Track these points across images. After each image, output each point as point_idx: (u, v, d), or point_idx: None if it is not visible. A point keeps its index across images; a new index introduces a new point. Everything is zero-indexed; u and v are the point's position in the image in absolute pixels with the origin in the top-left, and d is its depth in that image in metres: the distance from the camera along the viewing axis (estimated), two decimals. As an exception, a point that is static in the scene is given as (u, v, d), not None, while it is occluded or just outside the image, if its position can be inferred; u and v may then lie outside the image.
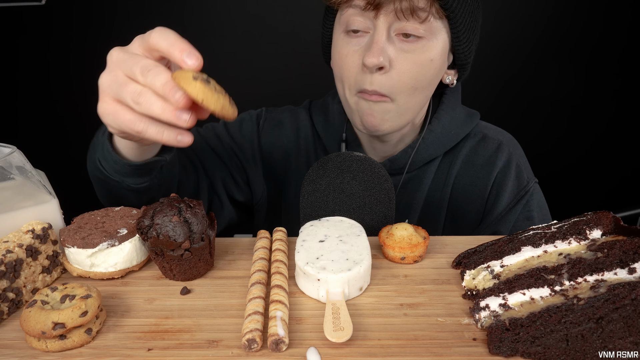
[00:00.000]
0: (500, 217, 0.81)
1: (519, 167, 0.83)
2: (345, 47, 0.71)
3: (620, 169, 2.08)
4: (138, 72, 0.46)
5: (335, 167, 0.65)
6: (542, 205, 0.83)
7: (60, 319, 0.42)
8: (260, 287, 0.50)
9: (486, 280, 0.51)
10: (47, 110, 1.85)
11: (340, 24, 0.72)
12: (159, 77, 0.45)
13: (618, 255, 0.43)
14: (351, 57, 0.71)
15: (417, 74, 0.70)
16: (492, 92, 1.90)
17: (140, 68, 0.46)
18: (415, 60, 0.69)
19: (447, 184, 0.83)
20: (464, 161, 0.83)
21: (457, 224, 0.84)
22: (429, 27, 0.67)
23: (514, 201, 0.81)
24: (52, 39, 1.74)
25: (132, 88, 0.47)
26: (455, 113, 0.83)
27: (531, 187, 0.82)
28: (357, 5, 0.67)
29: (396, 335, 0.45)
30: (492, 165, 0.82)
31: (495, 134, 0.86)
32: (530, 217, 0.80)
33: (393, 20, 0.67)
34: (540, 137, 1.96)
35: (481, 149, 0.84)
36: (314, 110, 0.91)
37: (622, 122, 1.99)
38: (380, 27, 0.67)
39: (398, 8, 0.65)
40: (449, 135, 0.82)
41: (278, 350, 0.43)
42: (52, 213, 0.57)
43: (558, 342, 0.41)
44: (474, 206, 0.83)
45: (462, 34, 0.70)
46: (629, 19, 1.82)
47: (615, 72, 1.91)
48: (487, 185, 0.82)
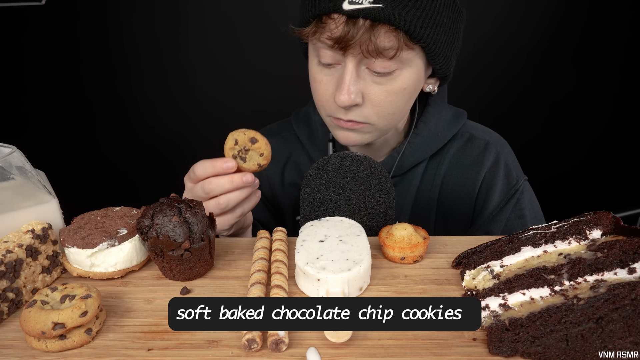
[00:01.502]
0: (492, 217, 0.81)
1: (507, 166, 0.83)
2: (318, 73, 0.71)
3: (620, 169, 2.08)
4: (200, 191, 0.62)
5: (335, 167, 0.65)
6: (534, 202, 0.83)
7: (60, 319, 0.42)
8: (260, 287, 0.50)
9: (486, 280, 0.51)
10: (46, 111, 1.85)
11: (313, 50, 0.71)
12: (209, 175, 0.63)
13: (618, 255, 0.43)
14: (325, 86, 0.71)
15: (392, 102, 0.69)
16: (492, 92, 1.90)
17: (197, 190, 0.63)
18: (388, 90, 0.68)
19: (435, 184, 0.83)
20: (451, 162, 0.83)
21: (447, 226, 0.84)
22: (399, 60, 0.66)
23: (505, 200, 0.81)
24: (53, 39, 1.74)
25: (200, 190, 0.62)
26: (441, 115, 0.83)
27: (521, 185, 0.82)
28: (324, 42, 0.66)
29: (396, 335, 0.45)
30: (480, 165, 0.82)
31: (482, 133, 0.86)
32: (522, 215, 0.80)
33: (361, 58, 0.66)
34: (540, 137, 1.96)
35: (468, 149, 0.84)
36: (296, 123, 0.91)
37: (622, 122, 1.99)
38: (349, 65, 0.66)
39: (365, 49, 0.63)
40: (436, 137, 0.82)
41: (278, 350, 0.43)
42: (52, 213, 0.57)
43: (558, 342, 0.41)
44: (464, 206, 0.83)
45: (438, 55, 0.68)
46: (629, 19, 1.82)
47: (616, 73, 1.91)
48: (476, 185, 0.82)
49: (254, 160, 0.62)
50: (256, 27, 1.76)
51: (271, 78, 1.83)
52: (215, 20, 1.75)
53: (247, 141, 0.61)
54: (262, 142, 0.61)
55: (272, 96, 1.82)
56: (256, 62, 1.81)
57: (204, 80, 1.84)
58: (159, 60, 1.80)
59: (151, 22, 1.73)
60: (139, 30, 1.74)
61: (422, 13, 0.63)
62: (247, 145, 0.61)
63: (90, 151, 1.90)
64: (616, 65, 1.90)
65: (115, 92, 1.84)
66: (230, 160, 0.61)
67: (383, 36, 0.62)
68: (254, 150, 0.61)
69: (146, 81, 1.83)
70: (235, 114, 1.85)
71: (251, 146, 0.61)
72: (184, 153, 1.87)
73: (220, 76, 1.83)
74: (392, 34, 0.62)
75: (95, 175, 1.93)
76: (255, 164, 0.62)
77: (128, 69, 1.81)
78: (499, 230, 0.80)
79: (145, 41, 1.76)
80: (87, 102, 1.85)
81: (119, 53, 1.78)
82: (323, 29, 0.65)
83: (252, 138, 0.61)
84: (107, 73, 1.81)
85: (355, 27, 0.62)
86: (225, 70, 1.82)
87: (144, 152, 1.93)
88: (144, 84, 1.84)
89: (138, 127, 1.90)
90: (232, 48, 1.79)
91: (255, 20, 1.74)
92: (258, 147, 0.61)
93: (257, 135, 0.61)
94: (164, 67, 1.81)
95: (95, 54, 1.78)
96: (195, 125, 1.91)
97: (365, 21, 0.62)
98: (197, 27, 1.76)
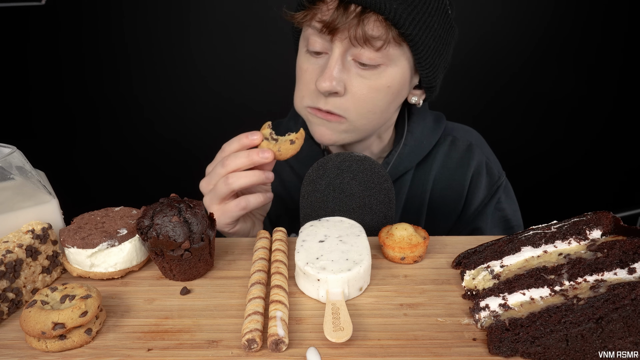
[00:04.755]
0: (477, 212, 0.84)
1: (488, 164, 0.86)
2: (305, 62, 0.72)
3: (620, 169, 2.08)
4: (219, 166, 0.64)
5: (335, 167, 0.65)
6: (512, 197, 0.87)
7: (60, 319, 0.42)
8: (260, 287, 0.50)
9: (486, 280, 0.51)
10: (49, 111, 1.85)
11: (303, 39, 0.73)
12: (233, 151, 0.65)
13: (618, 255, 0.43)
14: (309, 75, 0.71)
15: (374, 99, 0.70)
16: (491, 91, 1.90)
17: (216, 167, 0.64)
18: (371, 86, 0.69)
19: (425, 190, 0.85)
20: (439, 167, 0.85)
21: (436, 228, 0.85)
22: (386, 54, 0.66)
23: (488, 196, 0.84)
24: (54, 38, 1.74)
25: (217, 169, 0.63)
26: (425, 123, 0.84)
27: (502, 181, 0.86)
28: (314, 26, 0.67)
29: (396, 336, 0.45)
30: (466, 166, 0.85)
31: (463, 134, 0.88)
32: (502, 208, 0.84)
33: (349, 46, 0.66)
34: (540, 137, 1.96)
35: (453, 152, 0.86)
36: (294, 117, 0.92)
37: (622, 121, 1.99)
38: (336, 51, 0.67)
39: (352, 35, 0.64)
40: (421, 145, 0.83)
41: (278, 351, 0.43)
42: (52, 213, 0.57)
43: (558, 342, 0.41)
44: (453, 208, 0.85)
45: (425, 60, 0.69)
46: (628, 19, 1.82)
47: (615, 73, 1.91)
48: (464, 187, 0.85)
49: (282, 144, 0.63)
50: (261, 25, 1.75)
51: (276, 77, 1.82)
52: (218, 18, 1.75)
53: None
54: (299, 134, 0.64)
55: (277, 95, 1.82)
56: (261, 61, 1.81)
57: (207, 79, 1.83)
58: (162, 60, 1.80)
59: (152, 20, 1.72)
60: (141, 28, 1.74)
61: (413, 10, 0.64)
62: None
63: (92, 151, 1.90)
64: (616, 66, 1.90)
65: (117, 92, 1.84)
66: (256, 133, 0.63)
67: (372, 24, 0.64)
68: (287, 137, 0.63)
69: (149, 80, 1.83)
70: (240, 113, 1.84)
71: (287, 133, 0.64)
72: (187, 153, 1.87)
73: (224, 75, 1.83)
74: (381, 24, 0.64)
75: (97, 175, 1.93)
76: (279, 147, 0.63)
77: (130, 68, 1.81)
78: (486, 226, 0.83)
79: (147, 40, 1.76)
80: (89, 101, 1.84)
81: (121, 52, 1.78)
82: (315, 13, 0.66)
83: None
84: (110, 72, 1.81)
85: (345, 13, 0.64)
86: (229, 70, 1.82)
87: (146, 151, 1.93)
88: (147, 83, 1.83)
89: (140, 127, 1.90)
90: (236, 47, 1.79)
91: (260, 19, 1.74)
92: (293, 136, 0.63)
93: (300, 131, 0.65)
94: (167, 66, 1.81)
95: (97, 54, 1.78)
96: (198, 125, 1.91)
97: (357, 7, 0.63)
98: (199, 26, 1.75)
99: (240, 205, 0.64)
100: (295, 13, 0.69)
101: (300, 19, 0.68)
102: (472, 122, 0.98)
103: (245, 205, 0.65)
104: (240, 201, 0.65)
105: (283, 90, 1.80)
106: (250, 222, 0.72)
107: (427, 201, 0.85)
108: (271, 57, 1.80)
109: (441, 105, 0.98)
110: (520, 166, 1.66)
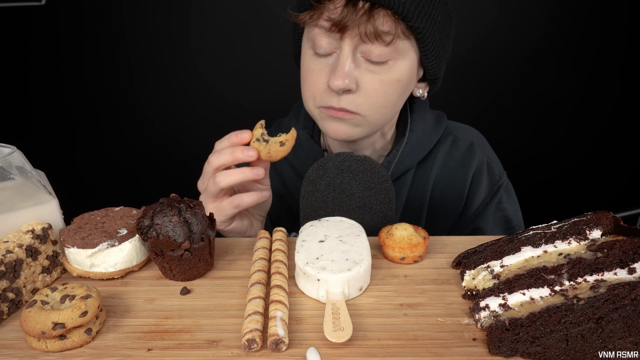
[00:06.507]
0: (478, 212, 0.84)
1: (490, 164, 0.86)
2: (312, 63, 0.71)
3: (620, 169, 2.08)
4: (206, 164, 0.65)
5: (335, 167, 0.65)
6: (513, 197, 0.87)
7: (60, 319, 0.42)
8: (260, 287, 0.50)
9: (486, 280, 0.51)
10: (46, 111, 1.84)
11: (307, 40, 0.72)
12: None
13: (618, 255, 0.43)
14: (317, 75, 0.71)
15: (385, 93, 0.70)
16: (491, 91, 1.90)
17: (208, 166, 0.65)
18: (382, 80, 0.69)
19: (426, 189, 0.84)
20: (440, 166, 0.85)
21: (437, 227, 0.85)
22: (395, 49, 0.67)
23: (489, 196, 0.84)
24: (54, 38, 1.74)
25: (205, 166, 0.65)
26: (426, 121, 0.84)
27: (504, 181, 0.85)
28: (322, 25, 0.67)
29: (396, 335, 0.45)
30: (468, 166, 0.84)
31: (465, 133, 0.88)
32: (502, 208, 0.84)
33: (358, 43, 0.66)
34: (540, 137, 1.96)
35: (454, 151, 0.86)
36: (296, 115, 0.91)
37: (622, 122, 1.99)
38: (346, 49, 0.67)
39: (363, 32, 0.64)
40: (422, 144, 0.83)
41: (278, 351, 0.43)
42: (52, 213, 0.57)
43: (558, 342, 0.41)
44: (453, 208, 0.85)
45: (431, 52, 0.70)
46: (627, 20, 1.82)
47: (616, 73, 1.91)
48: (465, 186, 0.84)
49: (271, 146, 0.62)
50: (261, 25, 1.75)
51: (278, 78, 1.82)
52: (218, 18, 1.75)
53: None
54: (289, 135, 0.63)
55: (278, 95, 1.82)
56: (262, 62, 1.81)
57: (207, 79, 1.83)
58: (162, 60, 1.80)
59: (152, 20, 1.72)
60: (141, 28, 1.74)
61: (419, 3, 0.64)
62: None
63: (92, 151, 1.90)
64: (616, 66, 1.90)
65: (117, 92, 1.84)
66: (245, 132, 0.62)
67: (382, 19, 0.64)
68: (277, 138, 0.63)
69: (149, 80, 1.83)
70: (240, 113, 1.84)
71: (278, 134, 0.63)
72: (187, 152, 1.87)
73: (224, 75, 1.83)
74: (390, 18, 0.64)
75: (97, 175, 1.93)
76: (269, 149, 0.62)
77: (130, 68, 1.80)
78: (487, 226, 0.83)
79: (147, 40, 1.76)
80: (89, 101, 1.84)
81: (121, 52, 1.78)
82: (321, 12, 0.66)
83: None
84: (110, 72, 1.81)
85: (354, 9, 0.63)
86: (230, 70, 1.82)
87: (146, 151, 1.93)
88: (147, 83, 1.83)
89: (141, 127, 1.90)
90: (237, 47, 1.79)
91: (261, 19, 1.74)
92: (284, 137, 0.62)
93: (292, 131, 0.64)
94: (167, 66, 1.81)
95: (97, 54, 1.77)
96: (198, 125, 1.90)
97: (365, 4, 0.63)
98: (199, 25, 1.75)
99: (234, 203, 0.65)
100: (300, 13, 0.68)
101: (306, 19, 0.68)
102: (473, 121, 0.98)
103: (238, 204, 0.65)
104: (233, 199, 0.65)
105: (284, 90, 1.80)
106: (247, 221, 0.72)
107: (428, 200, 0.85)
108: (273, 58, 1.80)
109: (442, 105, 0.98)
110: (520, 166, 1.65)
